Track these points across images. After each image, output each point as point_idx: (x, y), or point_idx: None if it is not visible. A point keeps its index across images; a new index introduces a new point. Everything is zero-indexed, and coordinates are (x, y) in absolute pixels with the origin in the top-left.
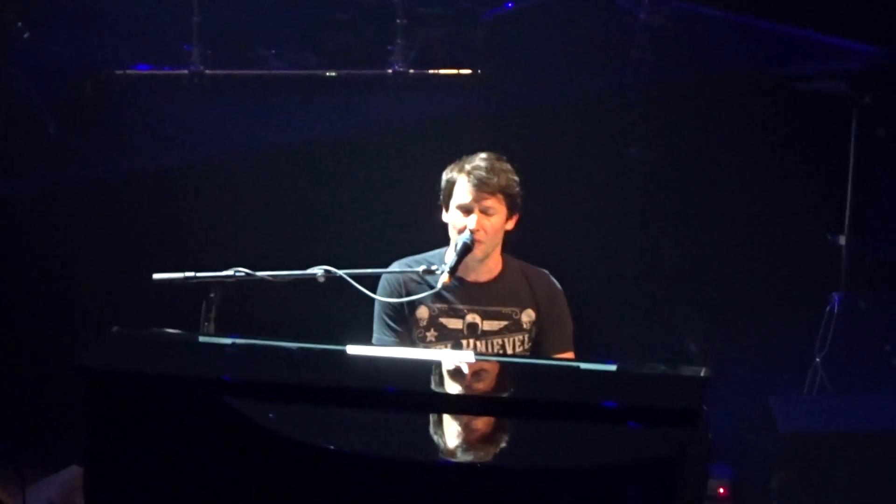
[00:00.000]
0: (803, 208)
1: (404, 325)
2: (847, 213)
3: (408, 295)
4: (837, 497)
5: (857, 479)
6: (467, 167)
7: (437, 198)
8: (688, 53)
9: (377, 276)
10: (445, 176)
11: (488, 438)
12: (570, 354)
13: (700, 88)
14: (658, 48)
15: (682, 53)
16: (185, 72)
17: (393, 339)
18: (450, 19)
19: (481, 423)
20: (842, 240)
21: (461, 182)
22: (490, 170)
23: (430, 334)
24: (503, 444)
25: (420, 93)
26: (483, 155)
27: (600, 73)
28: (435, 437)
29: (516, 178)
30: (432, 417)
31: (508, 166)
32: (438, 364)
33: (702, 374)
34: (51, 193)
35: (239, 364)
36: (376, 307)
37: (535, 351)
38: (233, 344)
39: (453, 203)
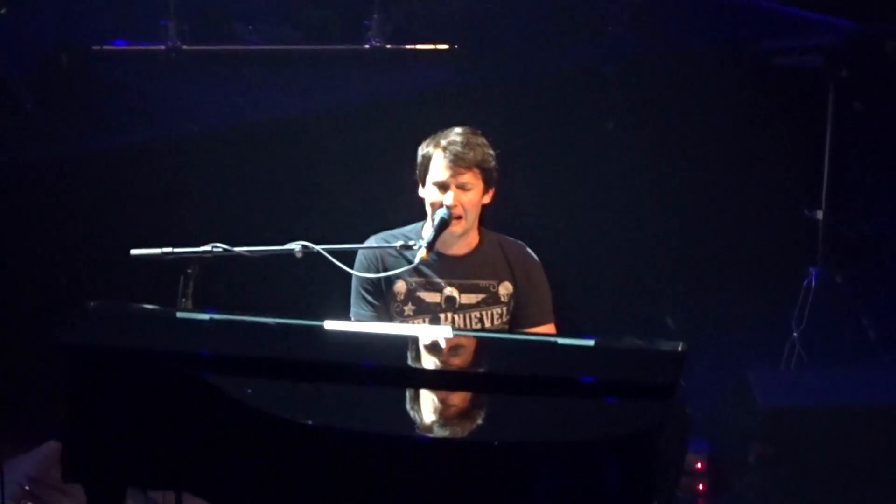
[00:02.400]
0: (780, 183)
1: (382, 299)
2: (824, 188)
3: (385, 269)
4: (815, 471)
5: (834, 452)
6: (443, 143)
7: (414, 173)
8: (665, 29)
9: (354, 252)
10: (421, 151)
11: (465, 413)
12: (551, 326)
13: (677, 64)
14: (635, 24)
15: (660, 29)
16: (162, 47)
17: (370, 312)
18: None
19: (458, 399)
20: (819, 215)
21: (437, 158)
22: (465, 144)
23: (408, 308)
24: (480, 420)
25: (397, 68)
26: (458, 130)
27: (578, 49)
28: (412, 413)
29: (491, 151)
30: (409, 392)
31: (483, 140)
32: (416, 339)
33: (679, 348)
34: (27, 169)
35: (216, 339)
36: (354, 281)
37: (513, 324)
38: (210, 319)
39: (430, 179)
